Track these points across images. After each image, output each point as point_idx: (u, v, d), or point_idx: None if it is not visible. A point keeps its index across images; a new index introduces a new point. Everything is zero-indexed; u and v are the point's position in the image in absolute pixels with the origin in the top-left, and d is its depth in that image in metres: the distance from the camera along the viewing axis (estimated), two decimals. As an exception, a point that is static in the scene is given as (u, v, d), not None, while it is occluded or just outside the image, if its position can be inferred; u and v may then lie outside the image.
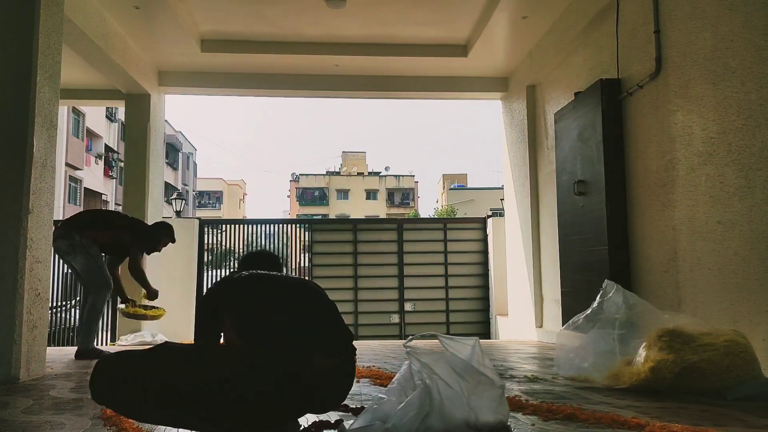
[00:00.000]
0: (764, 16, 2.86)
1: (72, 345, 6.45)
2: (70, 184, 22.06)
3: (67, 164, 20.91)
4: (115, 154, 26.47)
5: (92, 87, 7.03)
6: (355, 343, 1.89)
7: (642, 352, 2.69)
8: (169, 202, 17.33)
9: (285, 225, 8.45)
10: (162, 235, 4.60)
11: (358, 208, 44.57)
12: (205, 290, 7.72)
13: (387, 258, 8.12)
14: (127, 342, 5.70)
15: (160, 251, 4.71)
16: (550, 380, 3.03)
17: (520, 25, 5.51)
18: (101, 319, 4.63)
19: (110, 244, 4.43)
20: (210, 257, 8.20)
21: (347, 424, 1.73)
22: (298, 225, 8.70)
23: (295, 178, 48.86)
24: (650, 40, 3.78)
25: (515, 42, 5.94)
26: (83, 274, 4.27)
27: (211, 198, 45.69)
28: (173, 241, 4.69)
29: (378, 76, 6.93)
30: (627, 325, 2.84)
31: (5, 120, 3.25)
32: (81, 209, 22.73)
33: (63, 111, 18.30)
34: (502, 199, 9.46)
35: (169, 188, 26.08)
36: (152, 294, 4.57)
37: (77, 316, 4.48)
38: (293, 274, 8.81)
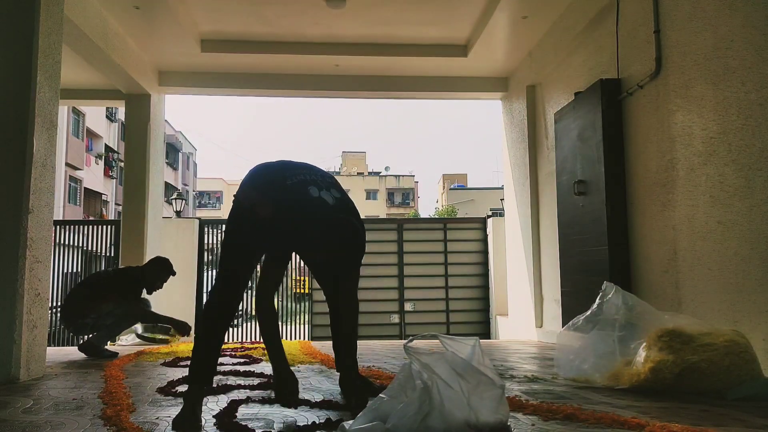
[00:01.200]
0: (764, 16, 2.86)
1: (72, 345, 6.45)
2: (70, 184, 22.05)
3: (67, 164, 20.91)
4: (115, 154, 26.46)
5: (92, 87, 7.02)
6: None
7: (642, 353, 2.68)
8: (169, 202, 17.31)
9: (285, 225, 8.43)
10: (155, 277, 4.45)
11: (357, 208, 44.48)
12: (205, 290, 7.72)
13: (387, 258, 8.12)
14: (127, 342, 5.69)
15: (161, 287, 4.58)
16: (550, 380, 3.03)
17: (520, 25, 5.51)
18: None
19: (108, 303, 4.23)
20: (210, 257, 8.19)
21: (347, 424, 1.73)
22: (298, 225, 8.67)
23: (295, 178, 48.79)
24: (650, 40, 3.78)
25: (515, 42, 5.94)
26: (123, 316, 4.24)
27: (211, 198, 45.70)
28: (173, 274, 4.56)
29: (378, 76, 6.92)
30: (627, 326, 2.83)
31: (5, 120, 3.25)
32: (81, 209, 22.76)
33: (63, 111, 18.29)
34: (502, 199, 9.47)
35: (169, 188, 26.09)
36: (183, 328, 4.42)
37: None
38: (294, 274, 8.82)
